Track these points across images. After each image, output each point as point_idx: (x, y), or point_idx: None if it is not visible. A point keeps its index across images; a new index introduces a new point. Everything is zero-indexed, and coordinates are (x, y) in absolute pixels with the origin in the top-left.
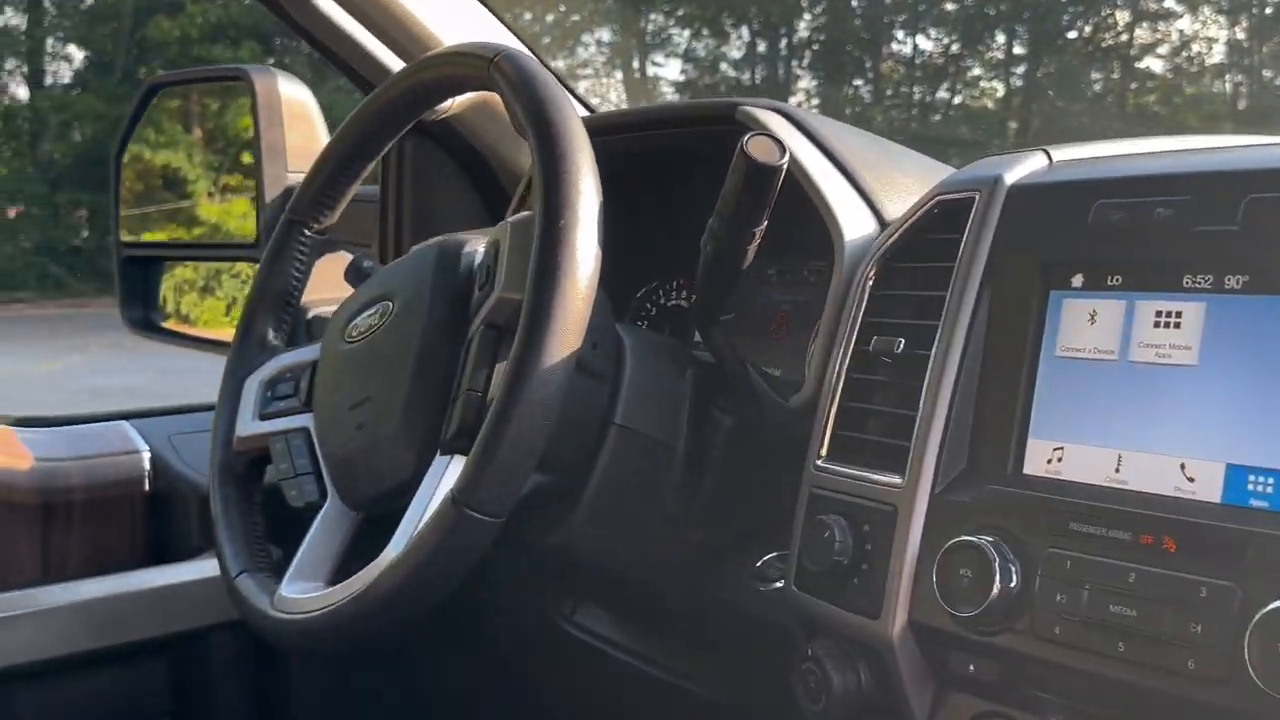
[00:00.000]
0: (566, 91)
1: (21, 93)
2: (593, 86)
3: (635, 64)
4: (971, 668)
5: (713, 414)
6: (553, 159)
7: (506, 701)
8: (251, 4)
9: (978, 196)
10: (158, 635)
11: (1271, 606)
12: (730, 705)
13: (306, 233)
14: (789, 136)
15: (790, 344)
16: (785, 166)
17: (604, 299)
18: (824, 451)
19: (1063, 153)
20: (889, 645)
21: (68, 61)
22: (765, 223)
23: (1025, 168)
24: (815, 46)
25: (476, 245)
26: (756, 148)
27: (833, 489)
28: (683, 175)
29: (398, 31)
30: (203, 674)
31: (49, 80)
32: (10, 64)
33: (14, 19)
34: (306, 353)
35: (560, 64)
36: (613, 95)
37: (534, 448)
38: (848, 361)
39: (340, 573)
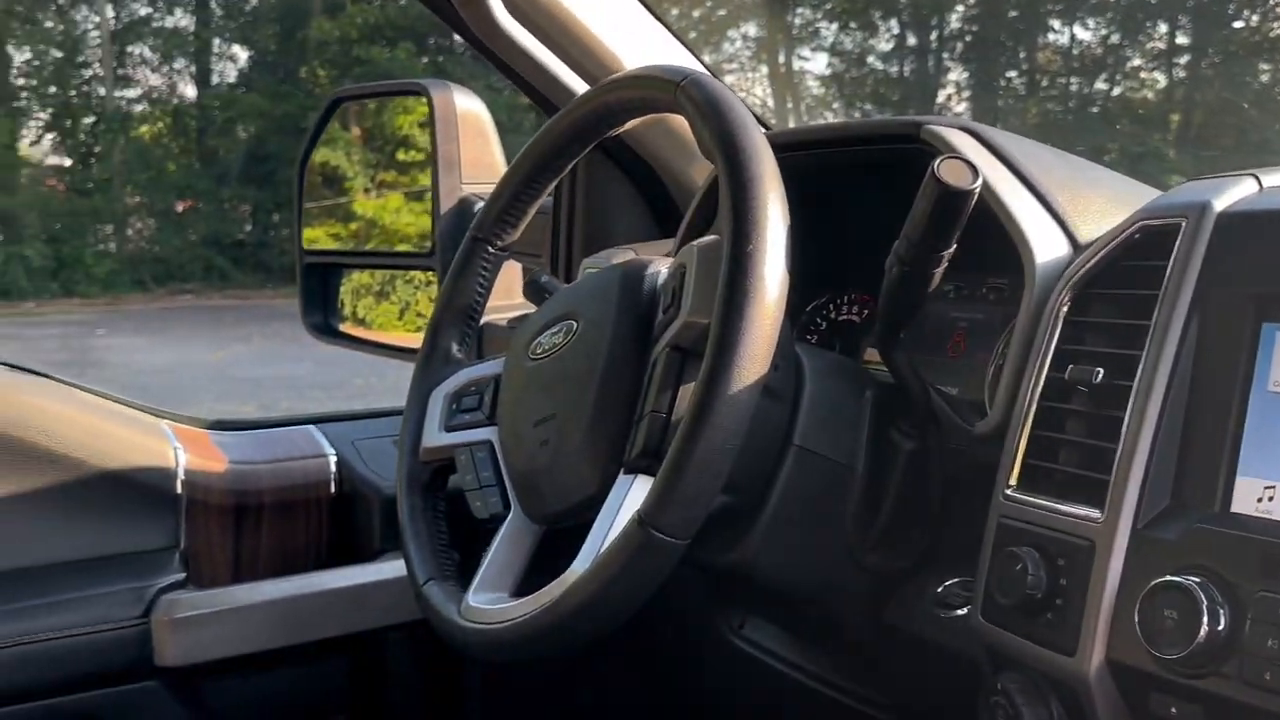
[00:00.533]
0: (752, 114)
1: (190, 92)
2: (737, 81)
3: (781, 58)
4: (1173, 710)
5: (893, 436)
6: (741, 184)
7: (673, 712)
8: (409, 4)
9: (1184, 223)
10: (339, 634)
11: None
12: None
13: (490, 250)
14: (979, 157)
15: (967, 363)
16: (978, 190)
17: (786, 321)
18: (1013, 481)
19: (1273, 178)
20: (1084, 683)
21: (233, 61)
22: (954, 246)
23: (1234, 194)
24: (967, 38)
25: (660, 267)
26: (948, 171)
27: (1024, 519)
28: (857, 189)
29: (580, 52)
30: (380, 673)
31: (215, 79)
32: (179, 64)
33: (183, 20)
34: (490, 367)
35: (706, 59)
36: (758, 90)
37: (720, 472)
38: (1040, 389)
39: (524, 584)
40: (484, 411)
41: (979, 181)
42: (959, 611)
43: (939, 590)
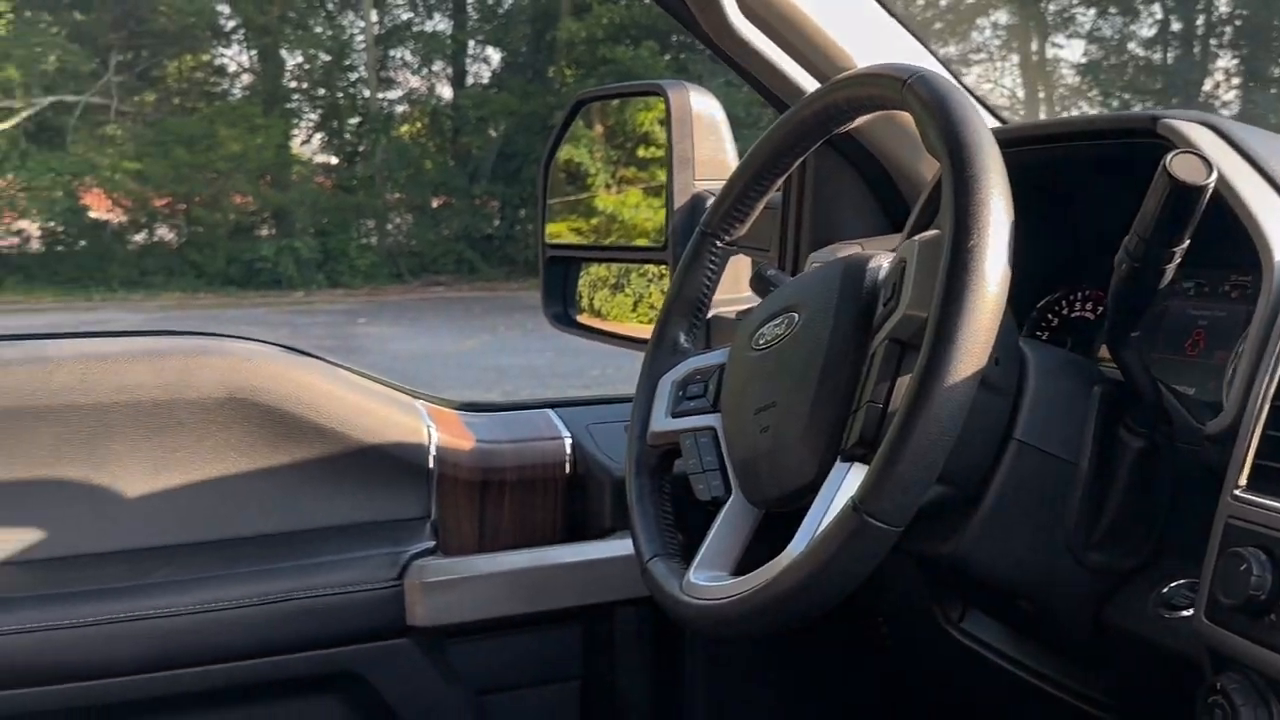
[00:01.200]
0: (979, 110)
1: (446, 92)
2: (985, 71)
3: (1034, 46)
4: None
5: (1120, 434)
6: (965, 181)
7: (888, 700)
8: (652, 4)
9: None
10: (572, 605)
11: None
12: None
13: (718, 244)
14: (1216, 152)
15: (1207, 363)
16: (1212, 186)
17: (1008, 316)
18: (1243, 481)
19: None
20: None
21: (486, 63)
22: (1187, 242)
23: None
24: (1237, 23)
25: (881, 261)
26: (1181, 166)
27: (1252, 520)
28: (1092, 184)
29: (810, 50)
30: (609, 644)
31: (469, 80)
32: (437, 65)
33: (441, 24)
34: (715, 356)
35: (952, 49)
36: (1007, 80)
37: (934, 462)
38: (1273, 388)
39: (743, 564)
40: (708, 399)
41: (1213, 177)
42: (1184, 613)
43: (1164, 591)
